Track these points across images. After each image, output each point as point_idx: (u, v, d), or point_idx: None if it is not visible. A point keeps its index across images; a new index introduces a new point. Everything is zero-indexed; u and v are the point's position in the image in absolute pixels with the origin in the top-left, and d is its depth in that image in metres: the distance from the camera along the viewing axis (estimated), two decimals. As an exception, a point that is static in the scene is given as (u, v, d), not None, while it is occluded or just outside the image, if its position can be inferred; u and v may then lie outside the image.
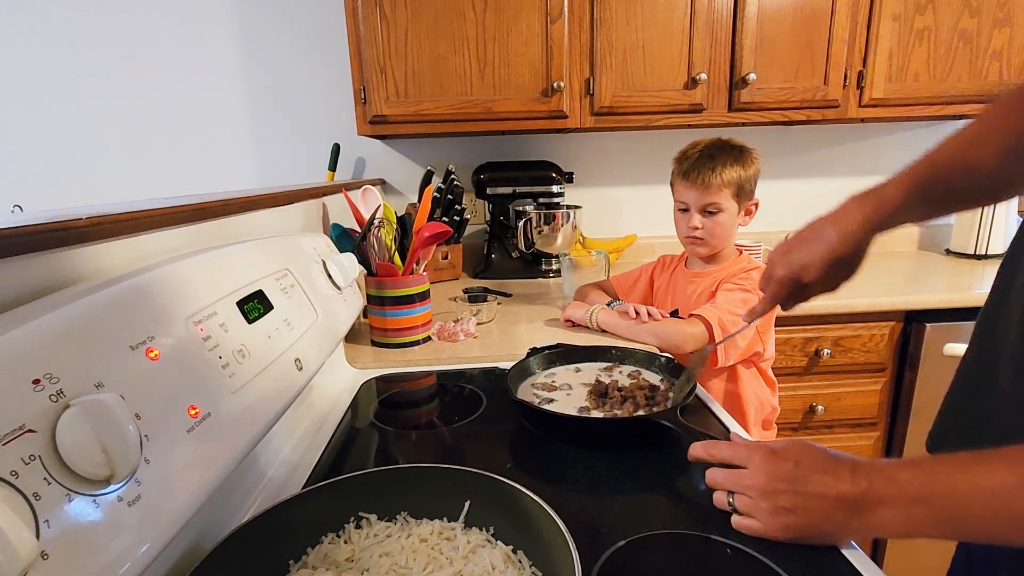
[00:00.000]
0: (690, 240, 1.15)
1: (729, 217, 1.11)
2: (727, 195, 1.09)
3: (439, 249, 1.70)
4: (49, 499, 0.31)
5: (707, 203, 1.10)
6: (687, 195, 1.12)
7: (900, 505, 0.44)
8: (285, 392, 0.61)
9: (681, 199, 1.14)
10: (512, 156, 1.88)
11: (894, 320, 1.43)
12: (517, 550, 0.49)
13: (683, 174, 1.12)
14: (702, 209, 1.11)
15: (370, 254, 1.07)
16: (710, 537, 0.52)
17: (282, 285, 0.70)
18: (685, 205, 1.14)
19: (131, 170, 1.88)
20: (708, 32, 1.49)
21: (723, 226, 1.11)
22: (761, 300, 0.73)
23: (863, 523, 0.46)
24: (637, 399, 0.77)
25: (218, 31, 1.79)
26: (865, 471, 0.47)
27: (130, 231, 0.56)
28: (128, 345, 0.41)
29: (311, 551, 0.50)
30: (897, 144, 1.94)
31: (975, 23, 1.50)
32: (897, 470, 0.46)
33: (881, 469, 0.46)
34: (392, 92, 1.48)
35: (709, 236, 1.12)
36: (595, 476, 0.65)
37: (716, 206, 1.10)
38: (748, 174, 1.10)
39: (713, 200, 1.09)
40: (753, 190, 1.13)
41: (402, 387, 0.96)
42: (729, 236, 1.14)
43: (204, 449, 0.44)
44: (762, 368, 1.16)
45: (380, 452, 0.75)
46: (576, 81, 1.51)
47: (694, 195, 1.11)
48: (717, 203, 1.09)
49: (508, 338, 1.15)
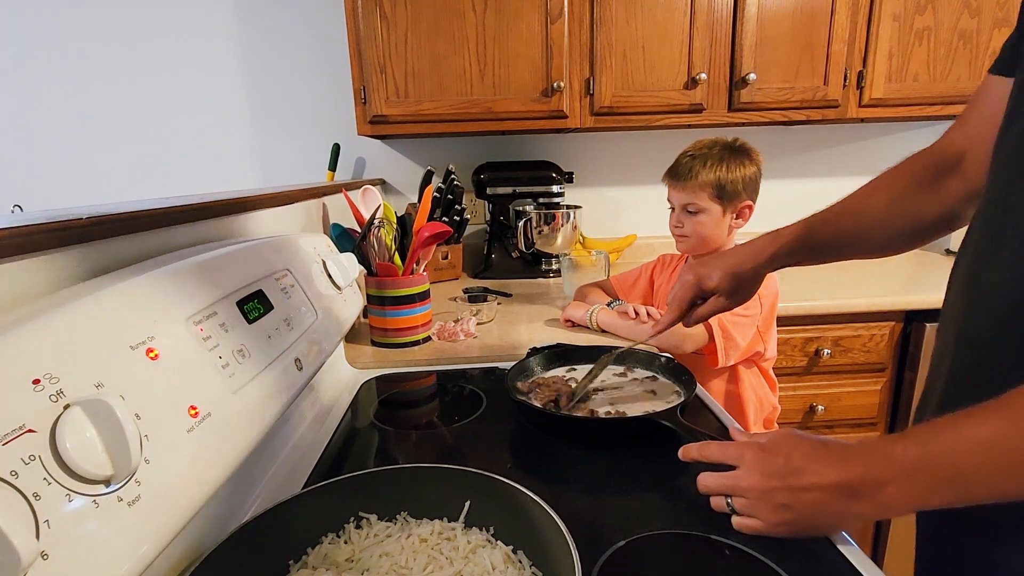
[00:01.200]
0: (675, 236, 1.20)
1: (711, 218, 1.13)
2: (705, 197, 1.12)
3: (439, 249, 1.70)
4: (49, 499, 0.31)
5: (685, 203, 1.14)
6: (671, 194, 1.18)
7: (901, 480, 0.43)
8: (285, 392, 0.61)
9: (669, 197, 1.19)
10: (512, 156, 1.88)
11: (894, 320, 1.42)
12: (517, 550, 0.49)
13: (667, 173, 1.18)
14: (682, 208, 1.15)
15: (370, 254, 1.07)
16: (710, 537, 0.52)
17: (282, 285, 0.70)
18: (671, 204, 1.19)
19: (131, 170, 1.88)
20: (708, 32, 1.49)
21: (704, 226, 1.13)
22: (668, 308, 0.78)
23: (868, 507, 0.45)
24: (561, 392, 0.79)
25: (218, 31, 1.79)
26: (857, 455, 0.46)
27: (130, 231, 0.56)
28: (128, 345, 0.41)
29: (311, 551, 0.50)
30: (897, 144, 1.94)
31: (975, 23, 1.50)
32: (889, 446, 0.45)
33: (874, 449, 0.46)
34: (392, 92, 1.48)
35: (691, 233, 1.15)
36: (595, 476, 0.65)
37: (695, 206, 1.13)
38: (732, 177, 1.10)
39: (691, 200, 1.13)
40: (741, 192, 1.11)
41: (402, 387, 0.96)
42: (714, 237, 1.14)
43: (204, 449, 0.44)
44: (763, 368, 1.16)
45: (380, 452, 0.75)
46: (576, 81, 1.51)
47: (675, 195, 1.16)
48: (695, 203, 1.13)
49: (508, 338, 1.15)
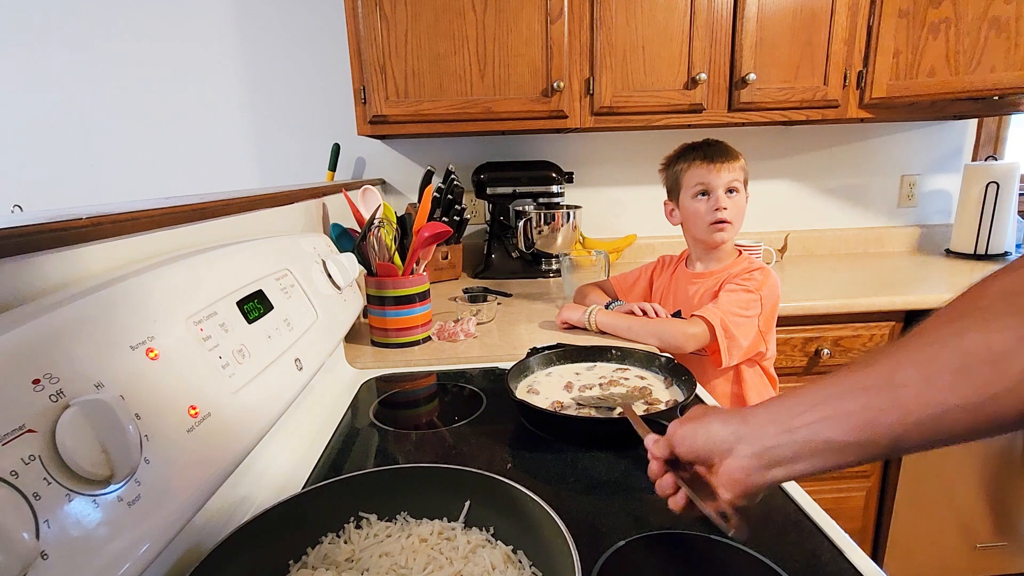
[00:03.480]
0: (716, 226, 1.12)
1: (744, 200, 1.14)
2: (742, 176, 1.13)
3: (439, 249, 1.70)
4: (49, 499, 0.31)
5: (731, 179, 1.11)
6: (708, 177, 1.11)
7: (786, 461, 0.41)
8: (285, 392, 0.61)
9: (701, 182, 1.12)
10: (512, 156, 1.88)
11: (894, 320, 1.42)
12: (517, 550, 0.49)
13: (704, 157, 1.12)
14: (727, 188, 1.12)
15: (370, 254, 1.07)
16: (710, 537, 0.52)
17: (282, 285, 0.70)
18: (705, 187, 1.12)
19: (131, 170, 1.88)
20: (708, 32, 1.49)
21: (742, 209, 1.14)
22: None
23: (772, 478, 0.42)
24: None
25: (218, 31, 1.79)
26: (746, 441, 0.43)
27: (130, 231, 0.56)
28: (128, 345, 0.41)
29: (311, 551, 0.50)
30: (897, 144, 1.94)
31: (1012, 8, 1.39)
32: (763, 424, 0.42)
33: (753, 430, 0.43)
34: (392, 92, 1.48)
35: (734, 217, 1.12)
36: (595, 476, 0.65)
37: (736, 184, 1.12)
38: (744, 163, 1.15)
39: (735, 176, 1.12)
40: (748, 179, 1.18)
41: (402, 387, 0.96)
42: (742, 222, 1.17)
43: (204, 449, 0.44)
44: (764, 367, 1.16)
45: (380, 452, 0.74)
46: (576, 81, 1.51)
47: (716, 175, 1.11)
48: (738, 179, 1.12)
49: (508, 338, 1.15)
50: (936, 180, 1.99)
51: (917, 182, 1.98)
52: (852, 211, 1.99)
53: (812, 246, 1.99)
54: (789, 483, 0.61)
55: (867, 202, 1.99)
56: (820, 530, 0.53)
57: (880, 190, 1.98)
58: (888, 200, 1.99)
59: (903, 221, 2.01)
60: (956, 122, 1.92)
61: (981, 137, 1.95)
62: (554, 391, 0.84)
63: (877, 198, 1.99)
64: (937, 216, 2.01)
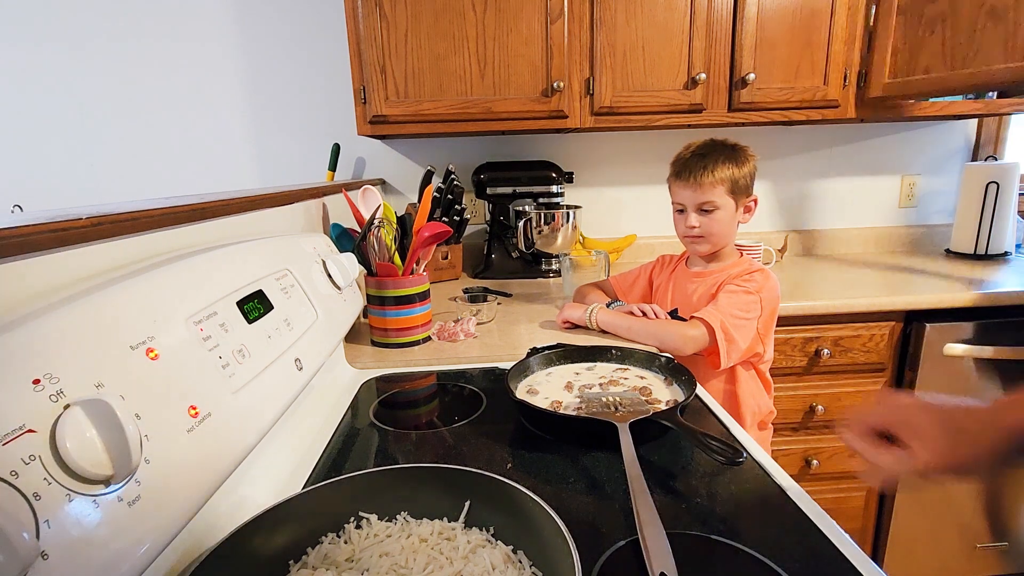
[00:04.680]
0: (689, 239, 1.16)
1: (726, 214, 1.12)
2: (721, 192, 1.10)
3: (439, 249, 1.70)
4: (49, 499, 0.31)
5: (702, 202, 1.11)
6: (682, 195, 1.13)
7: None
8: (285, 392, 0.61)
9: (677, 200, 1.15)
10: (512, 156, 1.88)
11: (894, 320, 1.42)
12: (517, 550, 0.49)
13: (676, 174, 1.14)
14: (698, 208, 1.12)
15: (370, 254, 1.07)
16: (710, 537, 0.52)
17: (282, 285, 0.70)
18: (681, 206, 1.15)
19: (131, 170, 1.88)
20: (708, 32, 1.49)
21: (721, 223, 1.12)
22: None
23: None
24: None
25: (218, 31, 1.79)
26: None
27: (130, 231, 0.56)
28: (128, 345, 0.41)
29: (311, 551, 0.50)
30: (897, 144, 1.94)
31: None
32: None
33: None
34: (392, 92, 1.48)
35: (708, 233, 1.12)
36: (595, 476, 0.65)
37: (711, 204, 1.10)
38: (743, 171, 1.11)
39: (707, 198, 1.10)
40: (750, 187, 1.13)
41: (402, 387, 0.96)
42: (729, 233, 1.15)
43: (204, 449, 0.44)
44: (760, 370, 1.16)
45: (380, 452, 0.74)
46: (576, 81, 1.51)
47: (688, 194, 1.12)
48: (712, 201, 1.10)
49: (508, 338, 1.15)
50: (936, 180, 1.99)
51: (917, 182, 1.98)
52: (852, 211, 1.99)
53: (812, 246, 1.99)
54: (789, 483, 0.61)
55: (867, 202, 1.99)
56: (820, 530, 0.53)
57: (880, 190, 1.98)
58: (888, 200, 1.99)
59: (903, 221, 2.01)
60: (956, 122, 1.92)
61: (981, 137, 1.95)
62: (554, 391, 0.84)
63: (877, 198, 1.99)
64: (937, 216, 2.01)
